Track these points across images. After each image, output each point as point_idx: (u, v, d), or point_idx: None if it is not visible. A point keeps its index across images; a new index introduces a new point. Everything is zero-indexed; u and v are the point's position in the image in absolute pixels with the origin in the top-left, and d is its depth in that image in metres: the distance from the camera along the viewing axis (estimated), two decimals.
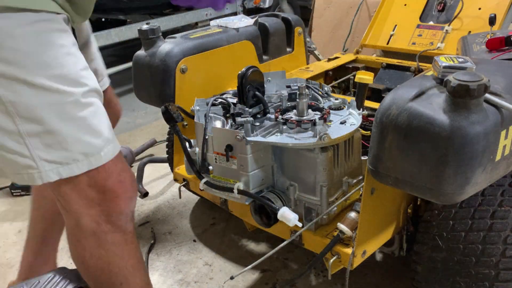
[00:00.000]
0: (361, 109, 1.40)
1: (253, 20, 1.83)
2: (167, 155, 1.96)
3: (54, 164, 0.91)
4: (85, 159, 0.93)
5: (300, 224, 1.20)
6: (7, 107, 0.84)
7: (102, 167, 0.97)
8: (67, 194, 0.98)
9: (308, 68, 1.99)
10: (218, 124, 1.37)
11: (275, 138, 1.25)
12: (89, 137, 0.92)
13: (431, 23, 2.01)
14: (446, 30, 1.93)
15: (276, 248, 1.27)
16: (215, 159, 1.32)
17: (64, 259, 1.82)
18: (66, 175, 0.92)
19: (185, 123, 1.58)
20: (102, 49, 1.56)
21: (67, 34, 0.90)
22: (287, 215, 1.20)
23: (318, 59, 2.24)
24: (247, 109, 1.35)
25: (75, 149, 0.91)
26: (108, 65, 1.90)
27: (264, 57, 1.85)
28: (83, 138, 0.91)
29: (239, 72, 1.38)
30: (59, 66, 0.86)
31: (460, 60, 0.98)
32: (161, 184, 2.34)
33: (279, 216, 1.21)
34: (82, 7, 0.99)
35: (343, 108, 1.39)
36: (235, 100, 1.43)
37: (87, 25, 1.24)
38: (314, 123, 1.24)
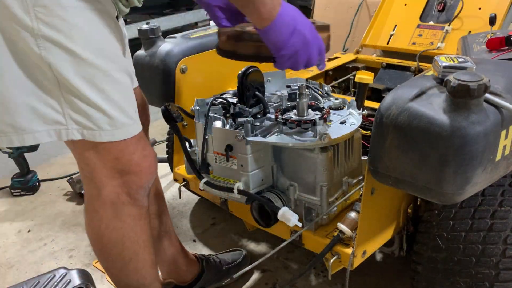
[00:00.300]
0: (361, 109, 1.39)
1: None
2: (167, 155, 1.96)
3: (80, 125, 0.96)
4: (109, 130, 0.98)
5: (300, 224, 1.20)
6: (50, 66, 0.90)
7: (130, 140, 1.02)
8: (94, 163, 1.03)
9: (308, 68, 1.98)
10: (218, 124, 1.37)
11: (275, 138, 1.25)
12: (114, 111, 0.97)
13: (431, 23, 2.01)
14: (446, 30, 1.93)
15: (276, 248, 1.27)
16: (215, 159, 1.32)
17: (64, 259, 1.82)
18: (88, 137, 0.97)
19: (185, 123, 1.58)
20: None
21: (109, 16, 0.97)
22: (287, 215, 1.20)
23: None
24: (247, 109, 1.35)
25: (100, 118, 0.96)
26: None
27: None
28: (107, 109, 0.96)
29: (239, 72, 1.37)
30: (96, 41, 0.93)
31: (460, 60, 0.98)
32: (161, 184, 2.33)
33: (279, 216, 1.21)
34: None
35: (343, 108, 1.39)
36: (235, 100, 1.43)
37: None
38: (314, 123, 1.24)
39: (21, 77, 0.91)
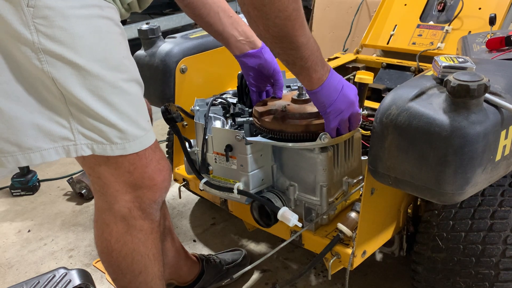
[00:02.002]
0: (361, 109, 1.39)
1: None
2: (167, 155, 1.96)
3: (90, 140, 0.93)
4: (120, 143, 0.95)
5: (300, 224, 1.20)
6: (54, 80, 0.86)
7: (143, 153, 0.99)
8: (106, 177, 1.00)
9: None
10: (218, 124, 1.37)
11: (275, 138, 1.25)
12: (125, 124, 0.94)
13: (431, 23, 2.01)
14: (446, 30, 1.93)
15: (276, 248, 1.27)
16: (215, 159, 1.32)
17: (64, 259, 1.82)
18: (99, 152, 0.94)
19: (185, 123, 1.58)
20: None
21: (113, 22, 0.93)
22: (287, 215, 1.20)
23: None
24: (246, 109, 1.35)
25: (110, 132, 0.93)
26: None
27: None
28: (118, 123, 0.93)
29: (239, 72, 1.37)
30: (101, 50, 0.89)
31: (460, 60, 0.98)
32: None
33: (279, 216, 1.21)
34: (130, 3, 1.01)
35: None
36: (235, 100, 1.43)
37: None
38: None
39: (24, 94, 0.87)
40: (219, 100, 1.43)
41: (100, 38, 0.88)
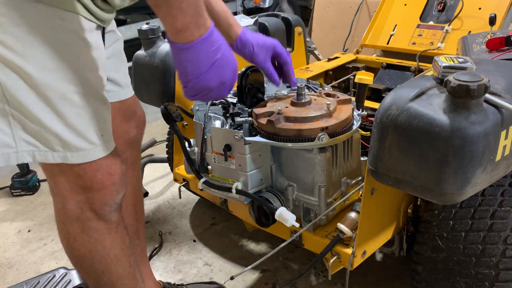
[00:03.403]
0: (361, 110, 1.39)
1: (253, 20, 1.83)
2: (167, 155, 1.96)
3: (32, 146, 0.92)
4: (61, 152, 0.94)
5: (297, 225, 1.20)
6: (1, 85, 0.86)
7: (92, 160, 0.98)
8: (57, 177, 1.00)
9: (308, 68, 1.99)
10: (217, 123, 1.36)
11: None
12: (69, 134, 0.92)
13: (431, 23, 2.01)
14: (446, 30, 1.93)
15: (276, 248, 1.27)
16: (214, 159, 1.32)
17: (64, 259, 1.82)
18: (40, 159, 0.94)
19: (185, 123, 1.58)
20: None
21: (76, 34, 0.90)
22: (285, 215, 1.20)
23: (318, 59, 2.24)
24: (246, 109, 1.35)
25: (53, 140, 0.92)
26: None
27: None
28: (62, 133, 0.92)
29: (239, 72, 1.37)
30: (53, 61, 0.87)
31: (460, 60, 0.98)
32: (161, 184, 2.34)
33: (276, 216, 1.21)
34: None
35: None
36: (235, 100, 1.43)
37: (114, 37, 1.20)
38: None
39: None
40: (219, 100, 1.42)
41: (54, 49, 0.87)
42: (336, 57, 2.12)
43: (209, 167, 1.34)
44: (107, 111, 1.00)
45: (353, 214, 1.22)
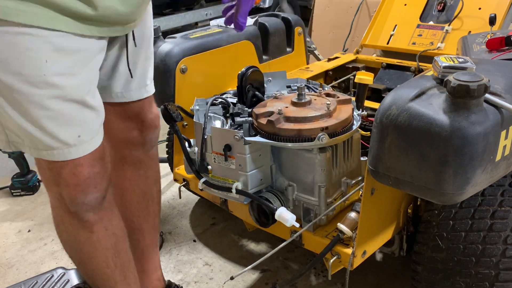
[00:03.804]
0: (361, 110, 1.39)
1: (253, 20, 1.83)
2: (167, 155, 1.96)
3: (5, 135, 1.00)
4: (31, 146, 0.99)
5: (297, 225, 1.20)
6: None
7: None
8: (40, 165, 1.06)
9: (308, 68, 1.99)
10: (217, 123, 1.37)
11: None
12: (37, 132, 0.96)
13: (431, 23, 2.01)
14: (446, 30, 1.93)
15: (276, 248, 1.27)
16: (214, 159, 1.32)
17: (64, 259, 1.82)
18: (15, 149, 1.02)
19: (185, 123, 1.58)
20: None
21: (42, 39, 0.90)
22: (284, 216, 1.20)
23: (318, 59, 2.24)
24: (246, 109, 1.35)
25: (23, 135, 0.98)
26: None
27: (264, 57, 1.85)
28: (31, 130, 0.96)
29: (239, 72, 1.37)
30: (16, 65, 0.90)
31: (460, 60, 0.98)
32: (161, 184, 2.34)
33: (276, 216, 1.21)
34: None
35: None
36: (235, 100, 1.43)
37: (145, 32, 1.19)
38: None
39: None
40: (219, 99, 1.43)
41: (17, 53, 0.89)
42: (336, 57, 2.12)
43: (209, 167, 1.34)
44: (90, 114, 1.00)
45: (353, 214, 1.22)
